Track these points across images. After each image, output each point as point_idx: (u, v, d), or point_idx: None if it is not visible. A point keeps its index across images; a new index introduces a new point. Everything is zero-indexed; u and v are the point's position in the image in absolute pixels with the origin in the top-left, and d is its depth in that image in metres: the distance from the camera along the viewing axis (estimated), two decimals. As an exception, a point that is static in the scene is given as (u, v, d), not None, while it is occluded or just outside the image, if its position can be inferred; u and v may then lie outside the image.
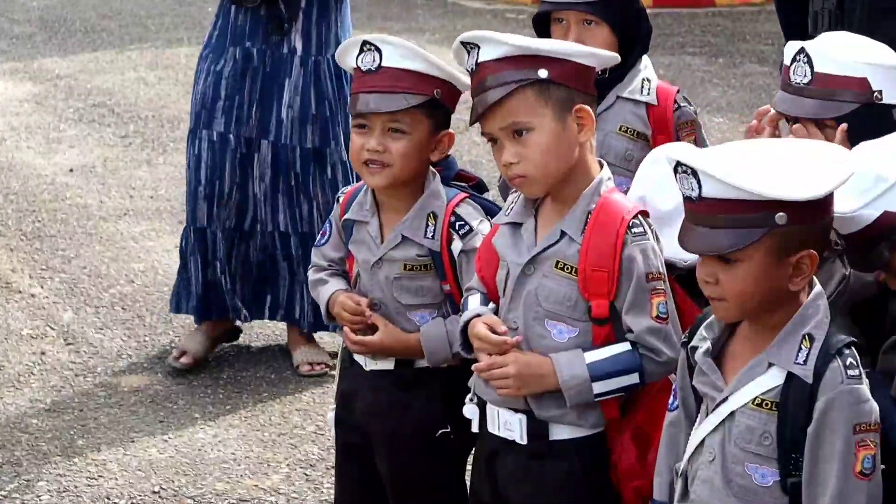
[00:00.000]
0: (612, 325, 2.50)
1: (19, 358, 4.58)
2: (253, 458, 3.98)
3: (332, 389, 3.46)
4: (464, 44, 2.53)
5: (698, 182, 2.16)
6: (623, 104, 3.23)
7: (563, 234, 2.52)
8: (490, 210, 2.89)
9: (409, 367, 2.89)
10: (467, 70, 2.55)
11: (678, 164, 2.19)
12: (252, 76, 4.31)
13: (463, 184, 2.94)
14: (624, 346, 2.49)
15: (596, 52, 2.57)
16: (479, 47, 2.50)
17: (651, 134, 3.25)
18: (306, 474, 3.89)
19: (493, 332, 2.53)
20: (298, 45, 4.34)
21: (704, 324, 2.32)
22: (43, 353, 4.61)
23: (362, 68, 2.77)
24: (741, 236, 2.15)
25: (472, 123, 2.55)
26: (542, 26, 3.34)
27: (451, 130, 2.86)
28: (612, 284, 2.47)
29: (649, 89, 3.28)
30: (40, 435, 4.08)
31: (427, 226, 2.81)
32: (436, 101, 2.78)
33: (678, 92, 3.30)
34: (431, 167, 2.90)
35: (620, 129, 3.23)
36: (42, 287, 5.18)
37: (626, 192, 3.18)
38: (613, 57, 2.63)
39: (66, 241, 5.64)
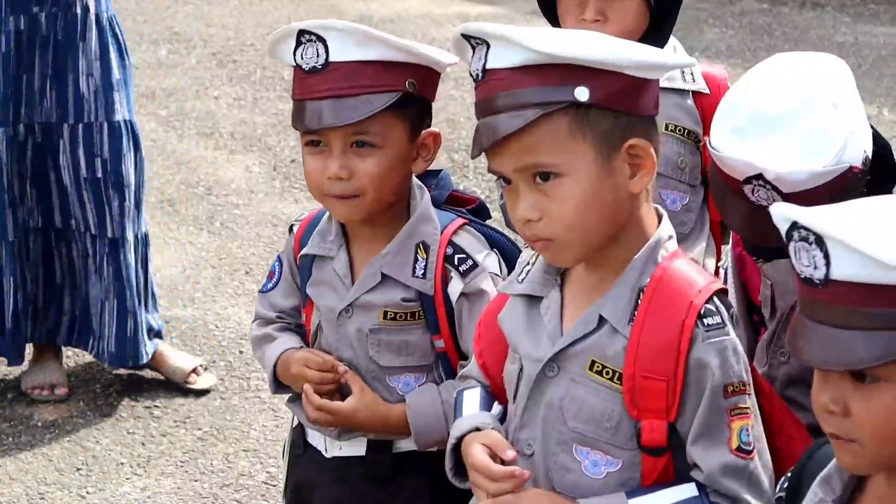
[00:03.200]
0: (670, 455, 1.77)
1: (-89, 380, 3.83)
2: (189, 520, 3.27)
3: (287, 421, 2.76)
4: (466, 37, 1.78)
5: (826, 257, 1.44)
6: (664, 96, 2.48)
7: (601, 320, 1.78)
8: (496, 242, 2.23)
9: (385, 451, 2.23)
10: (472, 76, 1.79)
11: (794, 225, 1.46)
12: (41, 47, 3.53)
13: (459, 209, 2.27)
14: (688, 490, 1.76)
15: (664, 60, 1.82)
16: (487, 45, 1.74)
17: (702, 133, 2.61)
18: (254, 543, 3.19)
19: (496, 458, 1.80)
20: (91, 2, 3.56)
21: (819, 477, 1.58)
22: (-59, 374, 3.86)
23: (304, 67, 2.09)
24: (891, 342, 1.43)
25: (474, 156, 1.79)
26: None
27: (434, 129, 2.19)
28: (673, 399, 1.74)
29: (692, 74, 2.65)
30: (-71, 490, 3.35)
31: (416, 260, 2.17)
32: (410, 95, 2.11)
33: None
34: (418, 181, 2.22)
35: (667, 129, 2.58)
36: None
37: (680, 209, 2.51)
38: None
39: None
